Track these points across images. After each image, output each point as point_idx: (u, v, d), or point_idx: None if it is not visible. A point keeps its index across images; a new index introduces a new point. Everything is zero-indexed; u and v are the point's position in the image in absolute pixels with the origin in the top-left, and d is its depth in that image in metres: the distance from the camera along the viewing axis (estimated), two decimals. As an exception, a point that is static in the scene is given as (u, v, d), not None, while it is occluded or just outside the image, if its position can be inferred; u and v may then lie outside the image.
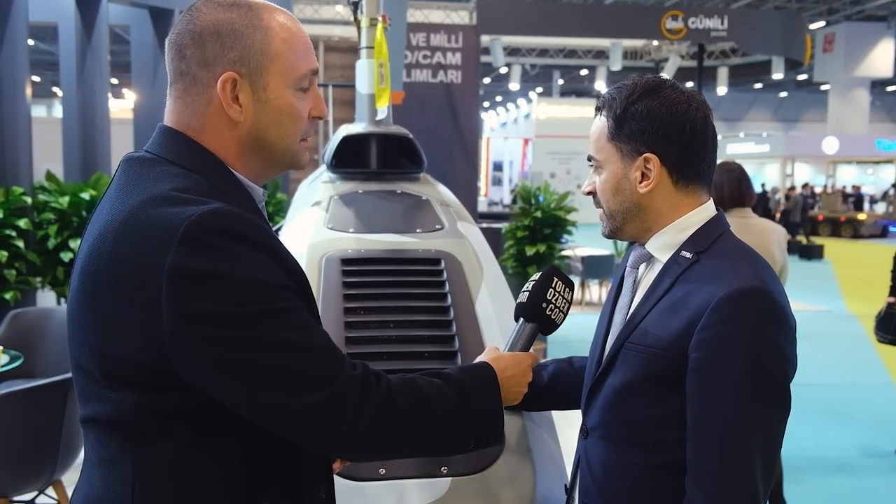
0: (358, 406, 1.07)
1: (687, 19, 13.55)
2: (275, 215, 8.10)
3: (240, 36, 1.11)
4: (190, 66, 1.12)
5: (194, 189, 1.07)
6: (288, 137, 1.17)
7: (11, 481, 3.00)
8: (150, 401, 1.05)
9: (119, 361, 1.05)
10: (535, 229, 6.70)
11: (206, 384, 1.03)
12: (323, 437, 1.08)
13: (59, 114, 10.52)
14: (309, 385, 1.05)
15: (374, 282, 1.98)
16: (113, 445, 1.09)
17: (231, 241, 1.02)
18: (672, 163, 1.33)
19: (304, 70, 1.17)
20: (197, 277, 1.00)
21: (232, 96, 1.12)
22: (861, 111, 27.91)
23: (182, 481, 1.07)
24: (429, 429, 1.16)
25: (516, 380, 1.36)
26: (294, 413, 1.04)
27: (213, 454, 1.08)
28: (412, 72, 11.44)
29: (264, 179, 1.22)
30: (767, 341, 1.21)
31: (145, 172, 1.10)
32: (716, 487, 1.21)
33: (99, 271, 1.05)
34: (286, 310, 1.05)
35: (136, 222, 1.03)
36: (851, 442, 5.08)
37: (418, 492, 1.51)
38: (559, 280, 1.50)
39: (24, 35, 6.00)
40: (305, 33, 1.20)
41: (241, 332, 1.01)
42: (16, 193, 5.88)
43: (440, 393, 1.18)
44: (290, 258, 1.11)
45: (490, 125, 34.18)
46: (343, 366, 1.09)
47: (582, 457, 1.44)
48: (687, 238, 1.34)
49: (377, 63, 2.79)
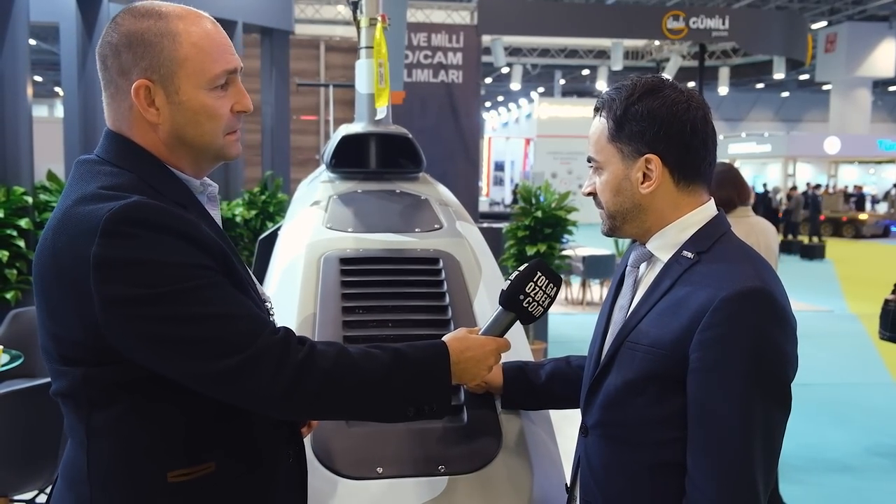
0: (276, 367, 1.18)
1: (688, 19, 13.54)
2: (275, 215, 8.11)
3: (149, 45, 1.22)
4: (111, 75, 1.25)
5: (124, 186, 1.19)
6: (207, 135, 1.27)
7: (12, 480, 3.00)
8: (95, 374, 1.18)
9: (66, 341, 1.19)
10: (536, 229, 6.68)
11: (139, 358, 1.16)
12: (246, 396, 1.18)
13: (60, 114, 10.53)
14: (226, 350, 1.16)
15: (373, 281, 1.98)
16: (72, 416, 1.23)
17: (146, 230, 1.14)
18: (673, 163, 1.33)
19: (217, 71, 1.25)
20: (117, 264, 1.12)
21: (148, 101, 1.23)
22: (863, 111, 27.88)
23: (126, 443, 1.20)
24: (355, 391, 1.25)
25: (475, 361, 1.41)
26: (216, 376, 1.16)
27: (155, 418, 1.21)
28: (413, 72, 11.44)
29: (202, 171, 1.32)
30: (769, 342, 1.21)
31: (85, 173, 1.24)
32: (716, 487, 1.21)
33: (43, 265, 1.19)
34: (202, 286, 1.16)
35: (68, 220, 1.17)
36: (853, 442, 5.07)
37: (416, 490, 1.51)
38: (543, 275, 1.51)
39: (25, 35, 6.01)
40: (222, 35, 1.28)
41: (160, 310, 1.13)
42: (17, 193, 5.89)
43: (371, 358, 1.27)
44: (209, 239, 1.20)
45: (491, 125, 34.19)
46: (262, 331, 1.20)
47: (582, 455, 1.45)
48: (688, 238, 1.34)
49: (376, 63, 2.79)
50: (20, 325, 4.18)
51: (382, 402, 1.29)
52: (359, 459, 1.54)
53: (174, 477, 1.20)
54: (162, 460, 1.21)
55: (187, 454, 1.22)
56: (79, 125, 7.02)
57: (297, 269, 2.04)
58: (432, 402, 1.32)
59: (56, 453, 3.02)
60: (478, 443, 1.59)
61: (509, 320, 1.51)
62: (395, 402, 1.29)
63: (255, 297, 1.32)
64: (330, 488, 1.51)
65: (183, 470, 1.21)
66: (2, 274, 5.72)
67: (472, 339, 1.43)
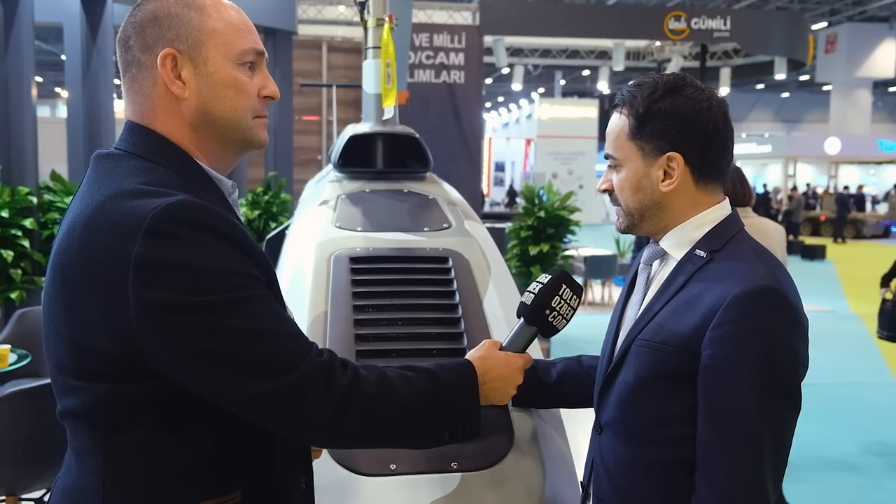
0: (322, 392, 1.10)
1: (690, 20, 13.55)
2: (278, 215, 8.12)
3: (175, 16, 1.16)
4: (134, 53, 1.17)
5: (162, 182, 1.10)
6: (236, 111, 1.19)
7: (20, 479, 3.01)
8: (120, 391, 1.07)
9: (89, 352, 1.07)
10: (539, 229, 6.70)
11: (172, 371, 1.06)
12: (287, 422, 1.10)
13: (62, 114, 10.53)
14: (271, 371, 1.07)
15: (383, 280, 2.00)
16: (86, 437, 1.11)
17: (195, 232, 1.05)
18: (694, 161, 1.33)
19: (245, 46, 1.19)
20: (162, 267, 1.03)
21: (175, 74, 1.15)
22: (863, 112, 27.89)
23: (150, 470, 1.09)
24: (395, 417, 1.18)
25: (502, 381, 1.35)
26: (257, 398, 1.07)
27: (181, 444, 1.10)
28: (415, 72, 11.46)
29: (227, 164, 1.24)
30: (780, 340, 1.22)
31: (114, 168, 1.13)
32: (725, 484, 1.21)
33: (68, 264, 1.07)
34: (250, 298, 1.08)
35: (103, 216, 1.06)
36: (855, 441, 5.08)
37: (429, 487, 1.52)
38: (567, 287, 1.45)
39: (30, 36, 6.02)
40: (246, 18, 1.23)
41: (205, 320, 1.04)
42: (21, 193, 5.90)
43: (409, 382, 1.20)
44: (256, 248, 1.13)
45: (492, 126, 34.17)
46: (308, 353, 1.11)
47: (596, 453, 1.45)
48: (702, 236, 1.35)
49: (384, 63, 2.80)
50: (26, 325, 4.20)
51: (420, 429, 1.22)
52: (372, 456, 1.55)
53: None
54: (189, 489, 1.11)
55: (215, 482, 1.12)
56: (83, 125, 7.04)
57: (308, 267, 2.05)
58: (464, 425, 1.25)
59: (64, 452, 3.03)
60: (490, 440, 1.60)
61: (531, 334, 1.45)
62: (431, 428, 1.23)
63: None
64: (344, 485, 1.52)
65: (211, 501, 1.11)
66: (7, 274, 5.73)
67: (498, 358, 1.37)
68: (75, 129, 7.08)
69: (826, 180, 29.46)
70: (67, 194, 6.25)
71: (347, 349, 1.76)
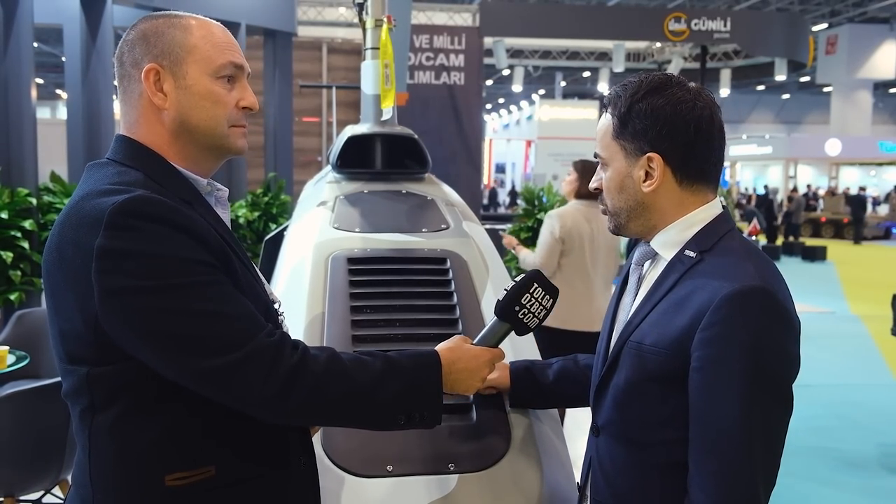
0: (268, 369, 1.18)
1: (690, 21, 13.55)
2: (278, 217, 8.12)
3: (161, 35, 1.29)
4: (126, 69, 1.31)
5: (130, 182, 1.22)
6: (211, 120, 1.30)
7: (18, 480, 3.01)
8: (99, 373, 1.19)
9: (71, 338, 1.20)
10: (539, 231, 6.68)
11: (135, 351, 1.17)
12: (234, 397, 1.19)
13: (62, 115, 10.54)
14: (219, 348, 1.16)
15: (381, 280, 1.99)
16: (77, 417, 1.25)
17: (151, 223, 1.16)
18: (676, 162, 1.32)
19: (223, 61, 1.31)
20: (119, 256, 1.14)
21: (157, 87, 1.28)
22: (864, 113, 27.90)
23: (124, 446, 1.20)
24: (345, 398, 1.25)
25: (468, 372, 1.41)
26: (207, 373, 1.16)
27: (154, 421, 1.21)
28: (415, 73, 11.46)
29: (207, 168, 1.35)
30: (769, 341, 1.20)
31: (95, 174, 1.27)
32: (716, 487, 1.20)
33: (50, 260, 1.21)
34: (202, 283, 1.18)
35: (75, 214, 1.19)
36: (855, 442, 5.08)
37: (425, 488, 1.52)
38: (539, 286, 1.49)
39: (29, 37, 6.03)
40: (228, 36, 1.35)
41: (160, 302, 1.14)
42: (21, 195, 5.91)
43: (361, 364, 1.28)
44: (211, 236, 1.22)
45: (492, 127, 34.16)
46: (258, 333, 1.20)
47: (593, 455, 1.44)
48: (692, 236, 1.34)
49: (382, 64, 2.80)
50: (25, 326, 4.20)
51: (372, 409, 1.28)
52: (368, 457, 1.55)
53: (171, 481, 1.20)
54: (159, 463, 1.20)
55: (186, 458, 1.22)
56: (82, 127, 7.03)
57: (306, 268, 2.05)
58: (423, 411, 1.31)
59: (62, 454, 3.03)
60: (487, 441, 1.60)
61: (504, 331, 1.50)
62: (384, 410, 1.29)
63: (264, 297, 1.33)
64: (340, 486, 1.52)
65: (181, 473, 1.21)
66: (6, 275, 5.73)
67: (466, 350, 1.43)
68: (75, 131, 7.07)
69: (826, 181, 29.45)
70: (67, 196, 6.25)
71: (345, 350, 1.75)
